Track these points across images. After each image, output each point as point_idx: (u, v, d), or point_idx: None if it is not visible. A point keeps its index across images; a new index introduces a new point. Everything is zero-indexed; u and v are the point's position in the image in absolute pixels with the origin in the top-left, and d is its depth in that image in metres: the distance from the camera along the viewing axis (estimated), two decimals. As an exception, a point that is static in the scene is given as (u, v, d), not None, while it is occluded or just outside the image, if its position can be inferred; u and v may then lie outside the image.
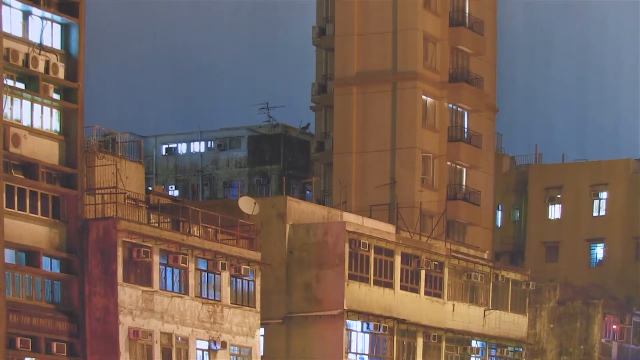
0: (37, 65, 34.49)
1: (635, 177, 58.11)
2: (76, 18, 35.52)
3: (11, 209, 33.66)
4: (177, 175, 59.70)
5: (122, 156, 37.26)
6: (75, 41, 35.50)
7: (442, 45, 52.68)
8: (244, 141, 59.03)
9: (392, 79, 51.60)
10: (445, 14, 52.75)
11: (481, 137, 54.41)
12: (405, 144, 51.35)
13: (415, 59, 51.41)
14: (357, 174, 51.78)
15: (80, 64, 35.50)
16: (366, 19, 51.92)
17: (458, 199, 52.89)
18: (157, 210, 37.70)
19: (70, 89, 35.45)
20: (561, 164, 60.54)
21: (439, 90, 52.52)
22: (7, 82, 33.91)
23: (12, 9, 34.40)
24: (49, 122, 35.03)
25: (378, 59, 51.78)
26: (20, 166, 34.33)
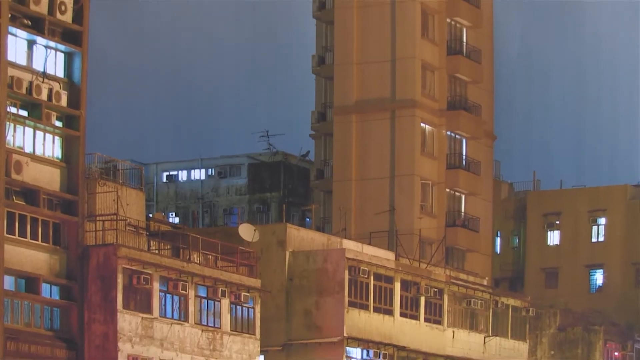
0: (41, 93, 34.89)
1: (633, 202, 58.33)
2: (79, 47, 35.97)
3: (12, 235, 33.85)
4: (177, 202, 59.94)
5: (123, 183, 37.48)
6: (78, 69, 35.93)
7: (440, 73, 53.11)
8: (244, 169, 59.32)
9: (390, 107, 51.97)
10: (443, 42, 53.22)
11: (479, 164, 54.69)
12: (404, 171, 51.61)
13: (414, 87, 51.82)
14: (356, 201, 51.99)
15: (82, 92, 35.88)
16: (365, 47, 52.39)
17: (457, 226, 53.07)
18: (158, 237, 37.87)
19: (73, 117, 35.80)
20: (559, 190, 60.77)
21: (438, 117, 52.86)
22: (11, 110, 34.28)
23: (18, 38, 34.88)
24: (51, 149, 35.33)
25: (377, 87, 52.17)
26: (21, 193, 34.56)
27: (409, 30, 51.83)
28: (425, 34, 52.55)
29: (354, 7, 52.55)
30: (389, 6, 52.13)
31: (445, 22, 53.42)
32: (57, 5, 35.45)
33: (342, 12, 52.75)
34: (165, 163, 61.03)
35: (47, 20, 35.24)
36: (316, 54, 54.16)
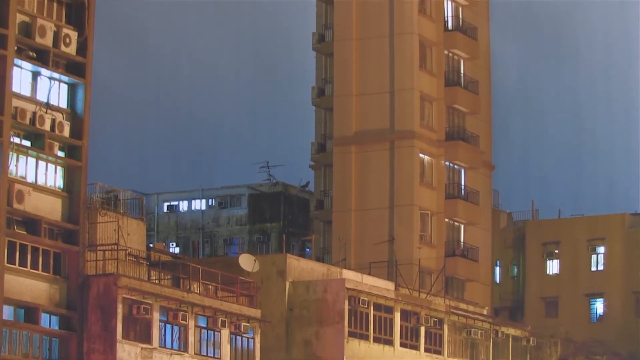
0: (44, 123, 35.32)
1: (632, 231, 58.43)
2: (83, 78, 36.47)
3: (12, 265, 34.04)
4: (178, 232, 60.15)
5: (124, 213, 37.75)
6: (81, 100, 36.39)
7: (438, 104, 53.54)
8: (244, 199, 59.57)
9: (390, 138, 52.33)
10: (441, 74, 53.71)
11: (478, 193, 54.95)
12: (404, 202, 51.86)
13: (412, 118, 52.21)
14: (356, 232, 52.20)
15: (85, 123, 36.31)
16: (364, 79, 52.86)
17: (456, 256, 53.21)
18: (158, 267, 38.06)
19: (75, 147, 36.17)
20: (558, 220, 60.91)
21: (436, 148, 53.21)
22: (14, 140, 34.66)
23: (23, 70, 35.37)
24: (53, 178, 35.65)
25: (376, 119, 52.57)
26: (23, 222, 34.82)
27: (407, 62, 52.34)
28: (423, 66, 53.05)
29: (353, 39, 53.10)
30: (387, 39, 52.67)
31: (443, 54, 53.95)
32: (62, 38, 35.98)
33: (341, 45, 53.29)
34: (166, 193, 61.30)
35: (52, 52, 35.77)
36: (316, 86, 54.62)
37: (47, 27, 35.60)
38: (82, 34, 36.57)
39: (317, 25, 54.98)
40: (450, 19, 54.69)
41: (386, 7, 52.82)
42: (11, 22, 34.49)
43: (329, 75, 54.04)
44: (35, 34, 35.37)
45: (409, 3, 52.54)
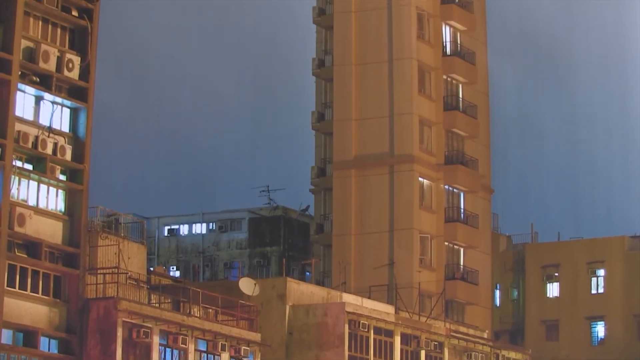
0: (46, 147, 35.63)
1: (632, 254, 58.40)
2: (85, 103, 36.84)
3: (12, 288, 34.13)
4: (178, 256, 60.32)
5: (124, 237, 37.93)
6: (83, 125, 36.73)
7: (437, 128, 53.84)
8: (244, 223, 59.78)
9: (389, 162, 52.57)
10: (440, 98, 54.07)
11: (477, 217, 55.13)
12: (403, 225, 52.01)
13: (412, 142, 52.49)
14: (356, 255, 52.29)
15: (87, 147, 36.62)
16: (364, 104, 53.19)
17: (456, 279, 53.29)
18: (158, 290, 38.16)
19: (77, 171, 36.44)
20: (557, 242, 60.95)
21: (435, 172, 53.45)
22: (16, 163, 34.94)
23: (26, 95, 35.76)
24: (54, 202, 35.88)
25: (375, 143, 52.83)
26: (23, 245, 34.99)
27: (407, 87, 52.68)
28: (422, 91, 53.41)
29: (353, 64, 53.51)
30: (386, 64, 53.08)
31: (442, 78, 54.33)
32: (65, 63, 36.38)
33: (341, 70, 53.70)
34: (167, 217, 61.54)
35: (55, 77, 36.16)
36: (316, 111, 54.94)
37: (50, 52, 36.03)
38: (84, 59, 36.99)
39: (317, 51, 55.42)
40: (449, 44, 55.13)
41: (385, 33, 53.27)
42: (16, 47, 34.92)
43: (329, 100, 54.37)
44: (39, 59, 35.79)
45: (408, 28, 52.99)
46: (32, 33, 35.99)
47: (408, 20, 52.96)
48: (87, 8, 37.12)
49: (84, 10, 37.14)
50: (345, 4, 53.90)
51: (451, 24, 55.16)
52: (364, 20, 53.58)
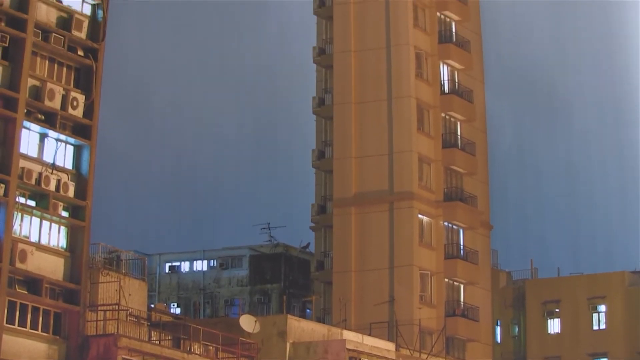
0: (49, 183, 36.03)
1: (632, 289, 58.24)
2: (88, 140, 37.34)
3: (11, 325, 34.20)
4: (179, 293, 60.42)
5: (126, 273, 38.12)
6: (86, 162, 37.16)
7: (436, 165, 54.21)
8: (245, 260, 59.97)
9: (389, 199, 52.85)
10: (438, 136, 54.51)
11: (477, 253, 55.29)
12: (403, 262, 52.14)
13: (411, 179, 52.80)
14: (356, 292, 52.37)
15: (89, 183, 37.00)
16: (363, 142, 53.60)
17: (457, 315, 53.29)
18: (159, 327, 38.24)
19: (79, 207, 36.78)
20: (557, 278, 60.83)
21: (435, 209, 53.72)
22: (19, 200, 35.30)
23: (31, 132, 36.28)
24: (56, 238, 36.16)
25: (375, 180, 53.13)
26: (24, 281, 35.15)
27: (406, 125, 53.12)
28: (421, 128, 53.86)
29: (352, 103, 54.02)
30: (385, 102, 53.59)
31: (440, 116, 54.82)
32: (70, 101, 36.96)
33: (340, 108, 54.20)
34: (168, 254, 61.76)
35: (60, 115, 36.73)
36: (316, 149, 55.33)
37: (56, 90, 36.62)
38: (89, 97, 37.56)
39: (317, 90, 55.97)
40: (447, 83, 55.70)
41: (384, 72, 53.85)
42: (22, 86, 35.53)
43: (329, 138, 54.78)
44: (44, 97, 36.39)
45: (407, 68, 53.58)
46: (38, 72, 36.62)
47: (407, 59, 53.59)
48: (92, 48, 37.78)
49: (90, 49, 37.80)
50: (345, 43, 54.58)
51: (449, 62, 55.80)
52: (364, 59, 54.20)
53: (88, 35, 37.77)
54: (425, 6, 55.27)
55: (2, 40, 35.15)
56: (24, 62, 35.49)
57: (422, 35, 54.73)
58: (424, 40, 54.59)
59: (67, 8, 37.56)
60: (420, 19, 54.88)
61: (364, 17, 54.51)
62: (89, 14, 38.00)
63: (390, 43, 53.85)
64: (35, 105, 36.38)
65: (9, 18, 35.89)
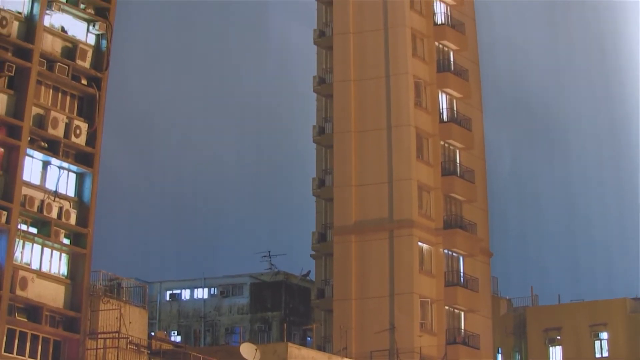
0: (51, 211, 36.29)
1: (634, 316, 57.97)
2: (91, 168, 37.66)
3: (10, 354, 34.14)
4: (180, 320, 60.44)
5: (126, 301, 38.20)
6: (88, 189, 37.47)
7: (436, 193, 54.44)
8: (246, 288, 60.02)
9: (389, 227, 52.99)
10: (438, 164, 54.78)
11: (477, 280, 55.35)
12: (403, 290, 52.19)
13: (411, 207, 52.99)
14: (356, 320, 52.39)
15: (91, 211, 37.26)
16: (363, 170, 53.86)
17: (457, 343, 53.24)
18: (159, 355, 38.25)
19: (80, 235, 36.99)
20: (558, 305, 60.66)
21: (434, 236, 53.88)
22: (21, 227, 35.53)
23: (34, 160, 36.62)
24: (57, 265, 36.32)
25: (375, 208, 53.32)
26: (24, 309, 35.24)
27: (405, 153, 53.42)
28: (420, 157, 54.15)
29: (352, 131, 54.36)
30: (385, 130, 53.94)
31: (439, 144, 55.14)
32: (73, 129, 37.36)
33: (340, 137, 54.55)
34: (169, 282, 61.82)
35: (63, 143, 37.10)
36: (316, 177, 55.57)
37: (59, 119, 37.03)
38: (92, 126, 37.94)
39: (317, 118, 56.32)
40: (445, 111, 56.07)
41: (383, 101, 54.24)
42: (27, 114, 35.94)
43: (329, 166, 55.06)
44: (48, 126, 36.80)
45: (405, 96, 53.99)
46: (42, 100, 37.06)
47: (405, 88, 54.01)
48: (96, 77, 38.23)
49: (93, 78, 38.25)
50: (345, 73, 55.01)
51: (447, 91, 56.22)
52: (363, 88, 54.61)
53: (92, 65, 38.23)
54: (424, 36, 55.78)
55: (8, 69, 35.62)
56: (29, 91, 35.95)
57: (421, 64, 55.20)
58: (422, 70, 55.04)
59: (72, 38, 38.05)
60: (419, 49, 55.36)
61: (364, 47, 55.00)
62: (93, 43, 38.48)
63: (390, 72, 54.30)
64: (39, 133, 36.78)
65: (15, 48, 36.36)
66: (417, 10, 55.83)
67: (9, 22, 35.58)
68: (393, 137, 53.65)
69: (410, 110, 53.84)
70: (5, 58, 35.93)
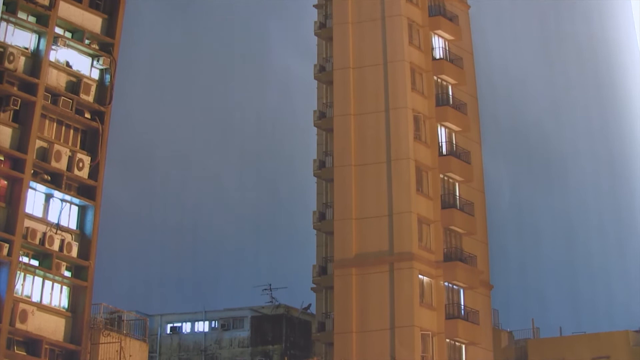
0: (53, 243, 36.52)
1: (637, 349, 57.66)
2: (93, 201, 37.98)
3: (5, 390, 34.48)
4: (180, 354, 60.38)
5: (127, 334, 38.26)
6: (90, 222, 37.76)
7: (436, 226, 54.63)
8: (246, 321, 59.99)
9: (389, 260, 53.09)
10: (437, 197, 55.03)
11: (478, 313, 55.36)
12: (404, 323, 52.19)
13: (411, 240, 53.14)
14: (357, 353, 52.34)
15: (93, 244, 37.52)
16: (363, 203, 54.09)
17: (458, 376, 53.29)
18: (159, 388, 38.36)
19: (82, 267, 37.18)
20: (559, 338, 60.43)
21: (435, 269, 54.00)
22: (23, 259, 35.74)
23: (37, 192, 36.92)
24: (58, 298, 36.45)
25: (375, 241, 53.45)
26: (23, 342, 35.28)
27: (405, 186, 53.69)
28: (420, 190, 54.42)
29: (352, 165, 54.68)
30: (385, 164, 54.25)
31: (439, 177, 55.43)
32: (76, 162, 37.72)
33: (341, 170, 54.86)
34: (170, 315, 61.82)
35: (65, 176, 37.44)
36: (317, 210, 55.81)
37: (62, 152, 37.41)
38: (94, 159, 38.32)
39: (318, 152, 56.67)
40: (445, 144, 56.44)
41: (383, 134, 54.61)
42: (30, 148, 36.33)
43: (329, 199, 55.31)
44: (51, 159, 37.18)
45: (405, 130, 54.39)
46: (46, 134, 37.48)
47: (405, 122, 54.43)
48: (99, 110, 38.66)
49: (96, 112, 38.69)
50: (345, 107, 55.47)
51: (446, 125, 56.63)
52: (363, 122, 55.01)
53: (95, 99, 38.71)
54: (423, 70, 56.30)
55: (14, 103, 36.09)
56: (33, 125, 36.40)
57: (420, 98, 55.68)
58: (421, 104, 55.50)
59: (77, 73, 38.56)
60: (418, 83, 55.87)
61: (363, 81, 55.49)
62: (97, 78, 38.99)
63: (389, 106, 54.74)
64: (42, 166, 37.15)
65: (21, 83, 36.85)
66: (415, 45, 56.40)
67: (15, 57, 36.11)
68: (393, 170, 53.95)
69: (409, 143, 54.21)
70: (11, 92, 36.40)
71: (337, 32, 56.76)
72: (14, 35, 36.18)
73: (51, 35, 36.89)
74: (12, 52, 35.79)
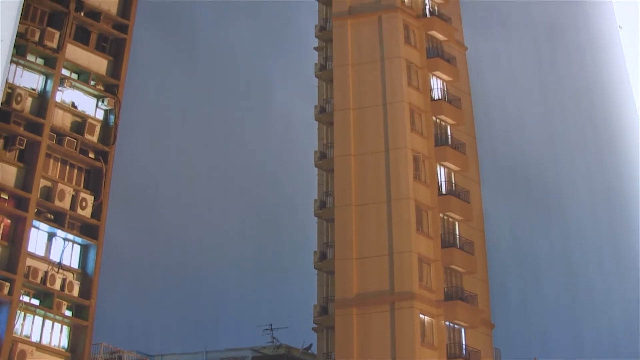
0: (54, 282, 36.70)
1: (639, 386, 57.72)
2: (95, 240, 38.25)
3: None
4: (181, 393, 60.24)
5: (127, 374, 38.37)
6: (92, 261, 38.00)
7: (436, 265, 54.83)
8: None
9: (389, 300, 53.22)
10: (437, 236, 55.28)
11: (479, 352, 55.32)
12: (405, 362, 52.29)
13: (411, 279, 53.31)
14: (359, 393, 52.39)
15: (94, 283, 37.71)
16: (363, 243, 54.33)
17: (462, 421, 53.11)
18: None
19: (83, 307, 37.31)
20: (562, 376, 60.41)
21: (435, 308, 54.08)
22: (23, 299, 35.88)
23: (40, 231, 37.20)
24: (58, 338, 36.55)
25: (376, 281, 53.61)
26: (19, 385, 35.42)
27: (405, 226, 53.94)
28: (420, 229, 54.68)
29: (352, 205, 55.02)
30: (385, 204, 54.58)
31: (439, 217, 55.72)
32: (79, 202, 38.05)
33: (341, 210, 55.18)
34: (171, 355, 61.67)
35: (69, 215, 37.75)
36: (318, 250, 56.04)
37: (66, 191, 37.77)
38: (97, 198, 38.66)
39: (319, 192, 57.01)
40: (444, 184, 56.82)
41: (383, 174, 55.01)
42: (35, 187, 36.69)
43: (330, 239, 55.56)
44: (55, 198, 37.53)
45: (405, 170, 54.80)
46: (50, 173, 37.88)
47: (404, 162, 54.85)
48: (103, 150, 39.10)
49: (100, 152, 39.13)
50: (345, 147, 55.95)
51: (445, 164, 57.06)
52: (363, 162, 55.45)
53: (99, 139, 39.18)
54: (422, 111, 56.87)
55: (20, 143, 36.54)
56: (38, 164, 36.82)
57: (419, 138, 56.16)
58: (421, 144, 55.96)
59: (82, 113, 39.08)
60: (417, 123, 56.41)
61: (363, 122, 56.02)
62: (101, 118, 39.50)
63: (389, 147, 55.20)
64: (46, 205, 37.49)
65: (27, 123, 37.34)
66: (414, 87, 57.02)
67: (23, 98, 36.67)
68: (393, 210, 54.27)
69: (409, 183, 54.57)
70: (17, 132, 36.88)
71: (337, 74, 57.41)
72: (22, 76, 36.80)
73: (58, 76, 37.52)
74: (19, 93, 36.37)
